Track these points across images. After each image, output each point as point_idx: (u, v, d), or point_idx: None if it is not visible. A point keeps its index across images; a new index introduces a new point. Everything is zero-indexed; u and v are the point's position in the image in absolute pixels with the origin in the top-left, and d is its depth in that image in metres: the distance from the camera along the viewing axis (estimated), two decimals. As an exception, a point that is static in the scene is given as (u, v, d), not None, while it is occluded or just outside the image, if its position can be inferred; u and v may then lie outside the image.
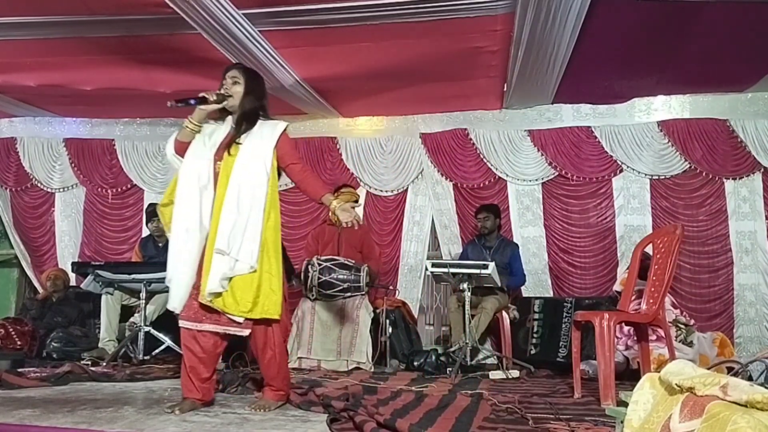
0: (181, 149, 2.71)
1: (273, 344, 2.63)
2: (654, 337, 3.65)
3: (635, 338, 3.46)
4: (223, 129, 2.70)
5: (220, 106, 2.64)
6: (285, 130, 2.70)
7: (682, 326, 3.91)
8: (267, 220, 2.58)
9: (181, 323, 2.60)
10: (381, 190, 5.62)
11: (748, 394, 1.28)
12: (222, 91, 2.65)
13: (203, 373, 2.59)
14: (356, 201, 4.96)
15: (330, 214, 2.72)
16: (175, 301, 2.58)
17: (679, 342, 3.83)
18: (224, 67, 2.79)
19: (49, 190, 6.08)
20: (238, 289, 2.51)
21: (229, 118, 2.71)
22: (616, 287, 4.43)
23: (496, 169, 5.38)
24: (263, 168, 2.60)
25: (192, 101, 2.58)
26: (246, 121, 2.67)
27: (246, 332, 2.57)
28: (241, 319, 2.53)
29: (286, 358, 2.81)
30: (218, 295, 2.50)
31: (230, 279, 2.50)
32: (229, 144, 2.63)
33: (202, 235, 2.57)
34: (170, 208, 2.67)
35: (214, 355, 2.63)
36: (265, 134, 2.66)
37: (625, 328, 3.91)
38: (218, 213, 2.56)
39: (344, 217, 2.65)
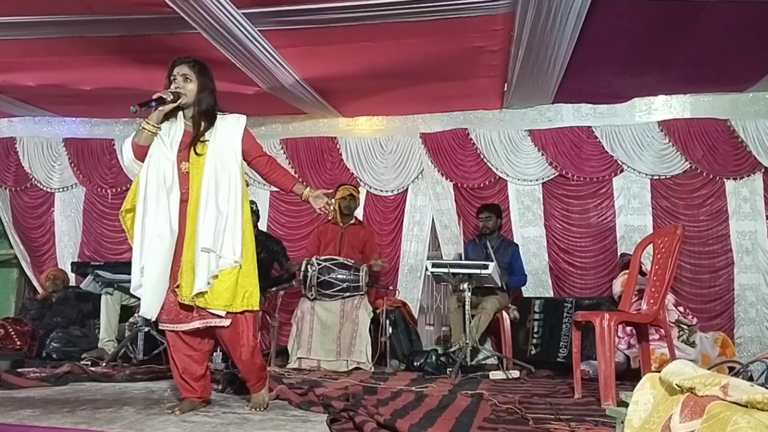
0: (141, 153, 2.61)
1: (247, 334, 2.60)
2: (656, 336, 3.65)
3: (637, 337, 3.45)
4: (178, 127, 2.63)
5: (176, 104, 2.57)
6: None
7: (684, 327, 3.91)
8: (243, 213, 2.59)
9: (164, 326, 2.58)
10: (381, 190, 5.62)
11: (749, 394, 1.28)
12: (174, 89, 2.57)
13: (197, 371, 2.60)
14: (351, 195, 4.93)
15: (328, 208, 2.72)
16: (152, 308, 2.52)
17: (681, 342, 3.82)
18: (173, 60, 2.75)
19: (48, 190, 6.08)
20: (218, 284, 2.49)
21: (181, 115, 2.65)
22: (617, 289, 4.41)
23: (497, 169, 5.38)
24: (236, 163, 2.59)
25: (153, 104, 2.52)
26: (206, 118, 2.62)
27: (227, 322, 2.52)
28: (223, 313, 2.50)
29: (258, 345, 2.73)
30: (200, 294, 2.47)
31: (216, 276, 2.48)
32: (193, 143, 2.58)
33: (173, 239, 2.52)
34: (133, 214, 2.59)
35: (203, 353, 2.63)
36: (230, 129, 2.64)
37: (627, 327, 3.91)
38: (194, 212, 2.52)
39: (317, 204, 2.69)
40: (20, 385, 3.14)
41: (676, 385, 1.43)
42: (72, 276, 5.41)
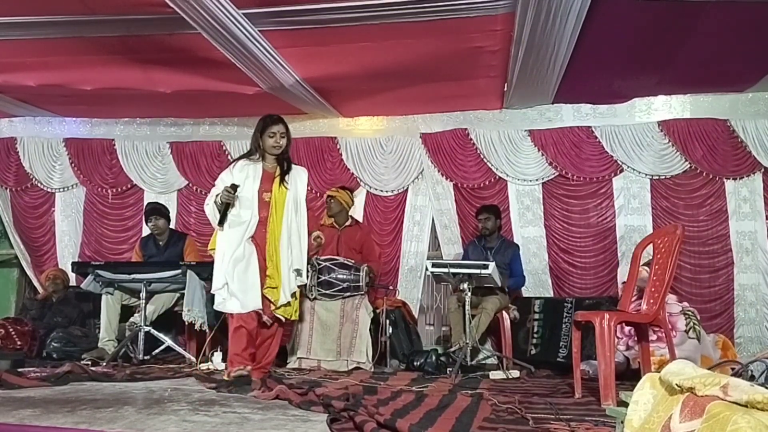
0: None
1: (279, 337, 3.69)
2: (654, 338, 3.65)
3: (636, 338, 3.45)
4: (257, 167, 3.53)
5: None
6: None
7: (690, 313, 3.90)
8: None
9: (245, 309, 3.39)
10: (381, 190, 5.62)
11: (749, 394, 1.28)
12: (228, 196, 3.38)
13: (254, 343, 3.45)
14: (329, 197, 4.91)
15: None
16: (257, 301, 3.40)
17: (690, 331, 3.82)
18: (266, 116, 3.60)
19: (49, 190, 6.07)
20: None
21: (260, 159, 3.54)
22: (623, 280, 4.38)
23: (497, 169, 5.38)
24: (304, 204, 3.61)
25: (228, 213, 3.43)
26: (287, 163, 3.58)
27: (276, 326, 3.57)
28: (283, 320, 3.55)
29: None
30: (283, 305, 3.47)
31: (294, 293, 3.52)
32: (280, 179, 3.51)
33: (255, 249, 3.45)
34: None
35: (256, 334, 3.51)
36: (302, 178, 3.62)
37: (626, 328, 3.91)
38: (276, 233, 3.45)
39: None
40: (21, 384, 3.14)
41: (676, 384, 1.44)
42: (72, 276, 5.41)
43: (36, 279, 5.92)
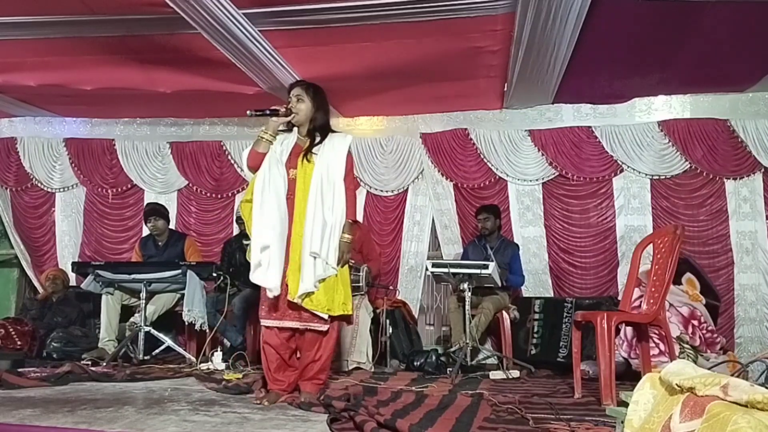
0: (258, 160, 2.87)
1: (332, 338, 2.88)
2: (656, 351, 3.60)
3: (636, 350, 3.42)
4: (291, 139, 2.94)
5: (288, 119, 2.89)
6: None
7: (685, 344, 3.82)
8: None
9: (266, 322, 2.84)
10: (381, 190, 5.62)
11: (749, 394, 1.28)
12: (289, 107, 2.90)
13: (284, 366, 2.87)
14: None
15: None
16: (277, 281, 2.73)
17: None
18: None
19: (49, 190, 6.07)
20: (322, 289, 2.77)
21: (295, 130, 2.97)
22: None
23: (497, 169, 5.38)
24: (340, 177, 2.85)
25: (267, 111, 2.86)
26: (320, 133, 2.93)
27: (325, 327, 2.81)
28: (326, 316, 2.78)
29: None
30: (307, 295, 2.73)
31: (322, 280, 2.75)
32: (305, 153, 2.88)
33: (284, 230, 2.78)
34: (251, 206, 2.85)
35: (292, 349, 2.90)
36: (337, 145, 2.91)
37: (629, 331, 3.87)
38: (300, 217, 2.81)
39: (342, 249, 2.85)
40: (21, 384, 3.15)
41: (676, 385, 1.44)
42: (72, 276, 5.41)
43: (36, 279, 5.92)
